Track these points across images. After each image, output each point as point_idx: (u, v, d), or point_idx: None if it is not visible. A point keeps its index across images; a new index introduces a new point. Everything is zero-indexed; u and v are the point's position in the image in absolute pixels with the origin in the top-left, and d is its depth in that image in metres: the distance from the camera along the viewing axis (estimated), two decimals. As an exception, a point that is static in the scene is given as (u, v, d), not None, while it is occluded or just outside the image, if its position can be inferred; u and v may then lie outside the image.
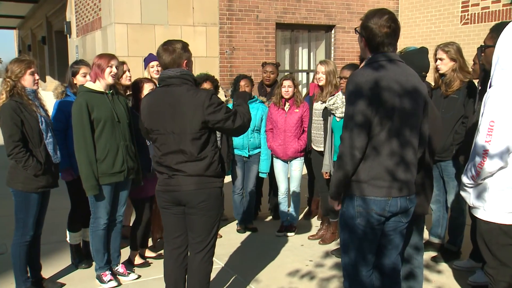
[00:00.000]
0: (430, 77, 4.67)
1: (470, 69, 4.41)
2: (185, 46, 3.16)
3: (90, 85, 3.81)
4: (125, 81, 4.70)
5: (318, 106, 4.97)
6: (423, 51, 3.33)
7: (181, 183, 3.08)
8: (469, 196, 2.97)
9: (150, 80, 4.48)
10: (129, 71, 4.77)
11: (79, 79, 4.24)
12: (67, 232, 4.47)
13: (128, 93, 4.74)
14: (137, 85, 4.31)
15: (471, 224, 4.17)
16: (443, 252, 4.57)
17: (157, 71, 5.18)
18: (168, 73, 3.09)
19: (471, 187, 2.93)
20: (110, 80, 3.81)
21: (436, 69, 4.47)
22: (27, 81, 3.66)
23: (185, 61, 3.13)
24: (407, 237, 3.44)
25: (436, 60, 4.45)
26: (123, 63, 4.72)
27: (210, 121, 3.01)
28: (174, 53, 3.10)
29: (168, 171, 3.11)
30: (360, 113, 2.51)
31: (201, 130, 3.02)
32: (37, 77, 3.72)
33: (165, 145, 3.08)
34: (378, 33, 2.59)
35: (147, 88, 4.26)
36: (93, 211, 3.90)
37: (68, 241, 4.48)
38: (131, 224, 4.66)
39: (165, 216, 3.28)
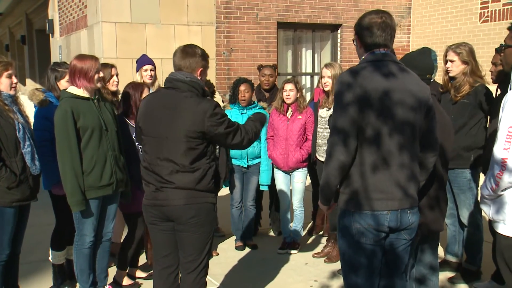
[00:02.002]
0: (439, 80, 4.70)
1: (484, 73, 4.44)
2: (205, 55, 3.25)
3: (74, 90, 3.79)
4: (111, 86, 4.70)
5: (323, 113, 5.00)
6: (424, 51, 3.37)
7: (169, 197, 3.10)
8: (489, 209, 2.99)
9: (146, 85, 4.50)
10: (117, 76, 4.77)
11: (63, 84, 4.23)
12: (50, 250, 4.46)
13: (115, 98, 4.75)
14: (130, 91, 4.31)
15: (492, 241, 4.17)
16: (462, 272, 4.57)
17: (151, 76, 5.19)
18: (177, 76, 3.14)
19: (491, 199, 2.94)
20: (99, 85, 3.85)
21: (446, 72, 4.49)
22: (3, 84, 3.66)
23: (200, 70, 3.20)
24: (418, 255, 3.45)
25: (446, 62, 4.47)
26: (112, 66, 4.73)
27: (208, 132, 3.06)
28: (193, 57, 3.16)
29: (156, 182, 3.13)
30: (351, 121, 2.57)
31: (198, 139, 3.06)
32: (15, 80, 3.71)
33: (157, 151, 3.12)
34: (368, 24, 2.69)
35: (146, 93, 4.26)
36: (78, 227, 3.88)
37: (51, 261, 4.48)
38: (121, 241, 4.64)
39: (153, 233, 3.30)
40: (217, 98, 6.90)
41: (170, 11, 8.76)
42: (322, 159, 5.07)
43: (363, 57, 2.76)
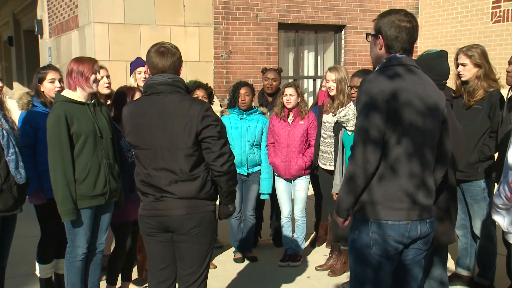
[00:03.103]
0: (451, 84, 4.70)
1: (498, 76, 4.44)
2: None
3: (68, 94, 3.81)
4: (102, 89, 4.69)
5: (329, 119, 5.02)
6: (442, 55, 3.37)
7: (170, 206, 3.12)
8: (503, 220, 2.98)
9: (138, 89, 4.51)
10: (108, 77, 4.77)
11: (46, 86, 4.26)
12: (37, 264, 4.45)
13: (108, 102, 4.75)
14: (122, 95, 4.31)
15: (506, 254, 4.16)
16: (473, 286, 4.57)
17: (145, 78, 5.19)
18: (158, 79, 3.13)
19: (506, 209, 2.93)
20: (95, 88, 3.85)
21: (458, 76, 4.49)
22: None
23: (181, 68, 3.23)
24: (427, 269, 3.44)
25: (457, 66, 4.47)
26: (101, 67, 4.73)
27: (201, 133, 3.06)
28: (174, 56, 3.17)
29: (155, 192, 3.14)
30: (376, 129, 2.57)
31: (195, 145, 3.07)
32: (0, 84, 3.73)
33: (152, 162, 3.12)
34: (398, 28, 2.67)
35: (137, 96, 4.27)
36: (70, 239, 3.87)
37: (38, 275, 4.46)
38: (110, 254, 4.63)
39: (150, 245, 3.30)
40: (215, 102, 6.91)
41: (166, 11, 8.80)
42: (325, 167, 5.08)
43: (383, 60, 2.75)
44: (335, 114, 4.84)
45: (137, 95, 4.28)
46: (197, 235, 3.15)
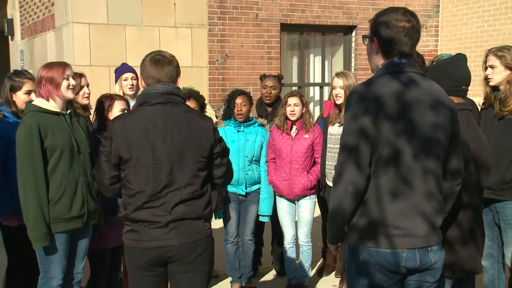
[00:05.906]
0: (479, 91, 4.72)
1: None
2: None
3: (41, 103, 3.80)
4: (81, 99, 4.71)
5: (334, 130, 5.05)
6: (459, 58, 3.39)
7: (173, 235, 3.13)
8: None
9: (121, 97, 4.54)
10: (87, 87, 4.79)
11: (20, 97, 4.27)
12: (2, 298, 4.45)
13: (87, 113, 4.78)
14: (102, 103, 4.35)
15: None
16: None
17: (132, 85, 5.24)
18: (163, 88, 3.17)
19: None
20: (70, 95, 3.85)
21: (486, 80, 4.47)
22: None
23: (179, 78, 3.31)
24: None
25: (486, 69, 4.44)
26: (80, 75, 4.76)
27: (215, 147, 3.25)
28: (171, 65, 3.22)
29: (156, 216, 3.12)
30: (363, 147, 2.57)
31: (208, 158, 3.19)
32: None
33: (154, 180, 3.10)
34: (395, 28, 2.66)
35: (117, 106, 4.30)
36: (43, 269, 3.83)
37: (3, 311, 4.46)
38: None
39: (139, 280, 3.28)
40: (210, 113, 6.95)
41: (154, 11, 8.85)
42: (332, 184, 5.09)
43: (379, 66, 2.75)
44: (342, 125, 4.87)
45: (117, 104, 4.31)
46: (195, 263, 3.19)
